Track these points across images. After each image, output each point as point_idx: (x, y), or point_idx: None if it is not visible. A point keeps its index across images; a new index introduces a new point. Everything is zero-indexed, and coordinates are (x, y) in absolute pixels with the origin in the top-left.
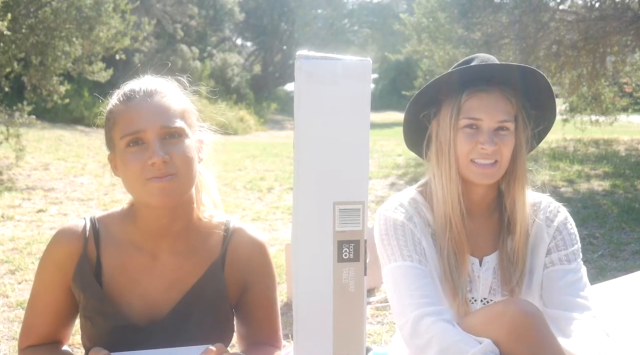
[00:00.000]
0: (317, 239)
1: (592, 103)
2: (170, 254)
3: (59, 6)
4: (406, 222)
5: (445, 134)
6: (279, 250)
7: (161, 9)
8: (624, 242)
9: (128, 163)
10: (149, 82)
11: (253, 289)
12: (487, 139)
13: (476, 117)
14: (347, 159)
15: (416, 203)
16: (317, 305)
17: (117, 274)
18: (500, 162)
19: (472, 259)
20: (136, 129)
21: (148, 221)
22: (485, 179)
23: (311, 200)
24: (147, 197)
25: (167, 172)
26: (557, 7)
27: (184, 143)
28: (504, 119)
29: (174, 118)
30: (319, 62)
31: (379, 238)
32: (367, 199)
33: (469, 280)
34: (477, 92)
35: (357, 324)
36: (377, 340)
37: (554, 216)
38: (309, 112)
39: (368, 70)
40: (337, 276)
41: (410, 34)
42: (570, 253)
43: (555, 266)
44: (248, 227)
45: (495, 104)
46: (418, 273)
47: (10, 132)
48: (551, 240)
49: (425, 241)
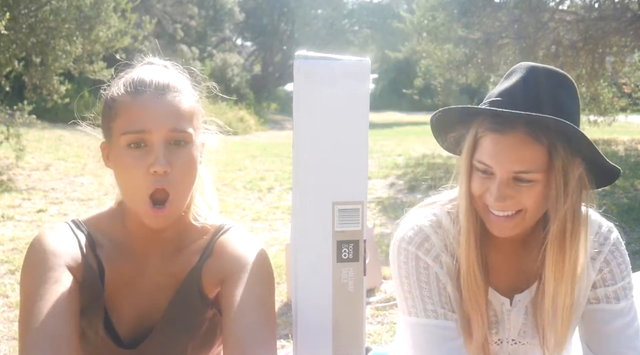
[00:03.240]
0: (316, 239)
1: (591, 103)
2: (159, 257)
3: (59, 5)
4: (431, 263)
5: (461, 165)
6: (279, 250)
7: (161, 9)
8: (624, 242)
9: (127, 166)
10: (161, 74)
11: (229, 285)
12: (497, 193)
13: (487, 163)
14: (346, 159)
15: (442, 229)
16: (316, 305)
17: (116, 279)
18: (526, 211)
19: (502, 299)
20: (141, 128)
21: (138, 225)
22: (503, 232)
23: (310, 200)
24: (143, 217)
25: (163, 187)
26: (557, 7)
27: (189, 152)
28: (521, 169)
29: (183, 122)
30: (317, 62)
31: (398, 278)
32: (366, 199)
33: (495, 320)
34: (491, 132)
35: (356, 323)
36: (377, 340)
37: (602, 244)
38: (307, 112)
39: (367, 71)
40: (336, 276)
41: (410, 33)
42: (619, 289)
43: (600, 304)
44: (235, 235)
45: (512, 151)
46: (444, 335)
47: (10, 132)
48: (597, 273)
49: (451, 281)
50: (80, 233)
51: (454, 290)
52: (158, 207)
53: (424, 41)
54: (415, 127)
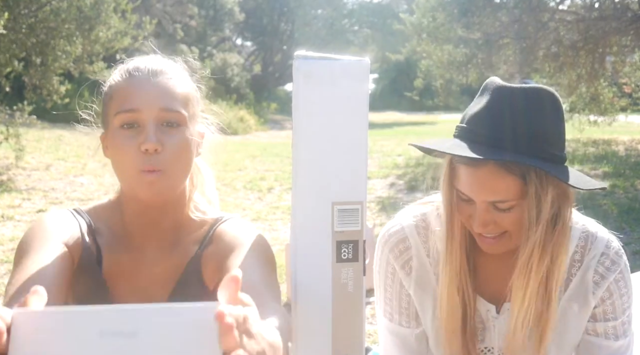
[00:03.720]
0: (316, 239)
1: (591, 103)
2: (157, 249)
3: (60, 6)
4: (398, 270)
5: (444, 189)
6: (279, 250)
7: (161, 9)
8: (624, 242)
9: (120, 146)
10: (156, 61)
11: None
12: (478, 220)
13: (464, 192)
14: (346, 159)
15: (428, 230)
16: (316, 305)
17: (113, 270)
18: (511, 232)
19: (488, 306)
20: (132, 107)
21: (136, 214)
22: (492, 251)
23: (310, 200)
24: (136, 189)
25: (154, 168)
26: (557, 7)
27: (181, 134)
28: (496, 199)
29: (176, 103)
30: (316, 62)
31: (376, 268)
32: (366, 199)
33: (482, 327)
34: (464, 164)
35: (356, 323)
36: (377, 340)
37: (608, 269)
38: (307, 112)
39: (366, 71)
40: (336, 276)
41: (410, 34)
42: (619, 325)
43: (599, 339)
44: (242, 219)
45: (485, 183)
46: (401, 342)
47: (9, 132)
48: (598, 303)
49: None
50: (82, 219)
51: (425, 296)
52: (151, 174)
53: (424, 42)
54: (415, 127)
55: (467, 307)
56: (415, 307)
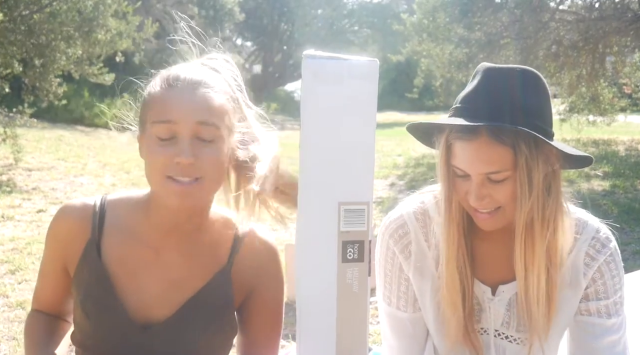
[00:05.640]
0: (321, 239)
1: (591, 103)
2: (176, 252)
3: (59, 8)
4: (398, 253)
5: (440, 170)
6: (279, 251)
7: (161, 9)
8: (624, 242)
9: (153, 154)
10: (197, 71)
11: (260, 293)
12: (474, 194)
13: (459, 167)
14: (353, 159)
15: (426, 216)
16: (320, 305)
17: (114, 265)
18: (505, 207)
19: (483, 287)
20: (169, 118)
21: (161, 216)
22: (488, 227)
23: (316, 200)
24: (163, 196)
25: (190, 175)
26: (557, 7)
27: (217, 148)
28: (490, 171)
29: (213, 117)
30: (326, 61)
31: (377, 255)
32: (372, 199)
33: (478, 308)
34: (459, 139)
35: (360, 324)
36: (378, 340)
37: (598, 251)
38: (315, 111)
39: (375, 71)
40: (341, 276)
41: (410, 34)
42: (611, 304)
43: (592, 317)
44: (259, 228)
45: (479, 155)
46: (398, 325)
47: (8, 133)
48: (590, 284)
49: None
50: (97, 213)
51: (424, 280)
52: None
53: (425, 42)
54: None
55: (465, 287)
56: (413, 292)
